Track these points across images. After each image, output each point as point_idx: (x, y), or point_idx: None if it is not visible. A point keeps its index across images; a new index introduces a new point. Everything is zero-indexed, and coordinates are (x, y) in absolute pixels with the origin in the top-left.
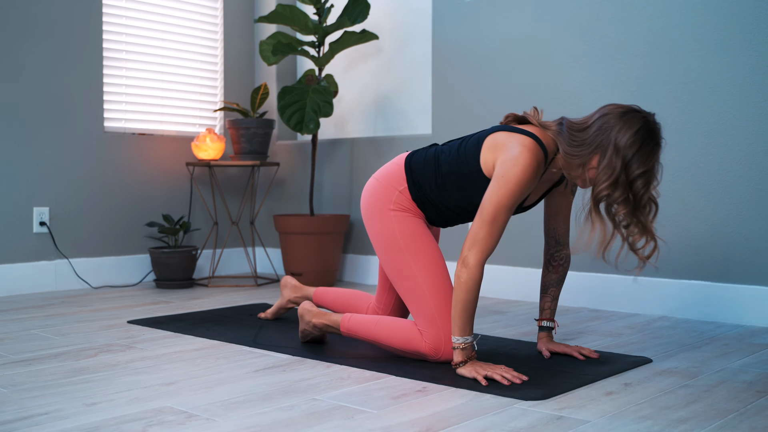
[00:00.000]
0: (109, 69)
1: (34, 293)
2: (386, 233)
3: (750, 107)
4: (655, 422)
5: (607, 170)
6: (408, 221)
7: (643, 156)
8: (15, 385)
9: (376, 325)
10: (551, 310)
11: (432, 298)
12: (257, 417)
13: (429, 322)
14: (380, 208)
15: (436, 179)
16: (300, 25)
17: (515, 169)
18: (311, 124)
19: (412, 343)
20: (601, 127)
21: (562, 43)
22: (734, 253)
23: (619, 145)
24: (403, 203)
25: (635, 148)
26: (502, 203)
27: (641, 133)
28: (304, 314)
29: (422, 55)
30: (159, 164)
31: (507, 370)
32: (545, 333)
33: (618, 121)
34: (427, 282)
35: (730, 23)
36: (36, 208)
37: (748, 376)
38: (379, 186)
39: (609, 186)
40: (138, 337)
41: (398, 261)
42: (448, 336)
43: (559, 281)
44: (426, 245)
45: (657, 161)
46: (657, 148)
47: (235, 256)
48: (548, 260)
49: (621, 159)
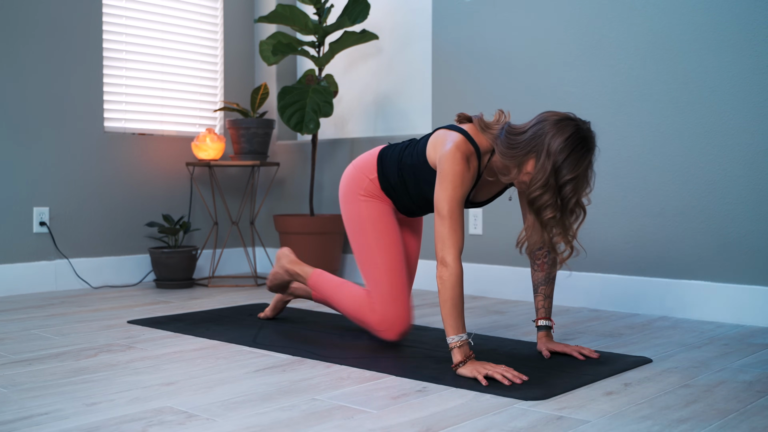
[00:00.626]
0: (109, 69)
1: (34, 293)
2: (355, 216)
3: (750, 107)
4: (655, 422)
5: (540, 173)
6: (375, 207)
7: (573, 162)
8: (15, 385)
9: (339, 287)
10: (545, 308)
11: (386, 278)
12: (257, 417)
13: (381, 300)
14: (353, 193)
15: (398, 170)
16: (300, 25)
17: (447, 164)
18: (311, 124)
19: (362, 312)
20: (536, 133)
21: (562, 43)
22: (734, 253)
23: (550, 150)
24: (373, 191)
25: (565, 153)
26: (450, 197)
27: (572, 139)
28: (281, 257)
29: (422, 55)
30: (159, 164)
31: (507, 370)
32: (544, 332)
33: (552, 128)
34: (385, 263)
35: (730, 23)
36: (36, 208)
37: (748, 376)
38: (354, 173)
39: (540, 188)
40: (138, 337)
41: (361, 242)
42: (395, 315)
43: (547, 279)
44: (388, 231)
45: (588, 168)
46: (587, 154)
47: (235, 256)
48: (532, 260)
49: (552, 164)
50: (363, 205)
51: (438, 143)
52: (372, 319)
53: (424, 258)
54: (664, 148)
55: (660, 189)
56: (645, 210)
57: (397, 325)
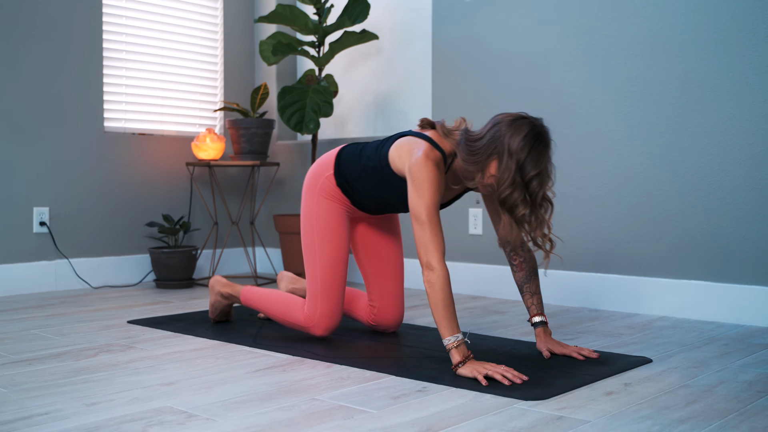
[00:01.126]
0: (109, 69)
1: (34, 293)
2: (307, 211)
3: (750, 107)
4: (655, 422)
5: (505, 173)
6: (328, 207)
7: (535, 158)
8: (15, 385)
9: (267, 295)
10: (536, 305)
11: (321, 277)
12: (257, 417)
13: (311, 297)
14: (310, 190)
15: (358, 170)
16: (300, 25)
17: (420, 172)
18: (311, 124)
19: (292, 312)
20: (493, 136)
21: (562, 43)
22: (734, 253)
23: (511, 150)
24: (328, 189)
25: (526, 150)
26: (427, 203)
27: (530, 136)
28: (214, 284)
29: (422, 55)
30: (159, 164)
31: (507, 370)
32: (541, 329)
33: (508, 129)
34: (323, 265)
35: (730, 23)
36: (36, 208)
37: (748, 376)
38: (314, 170)
39: (508, 187)
40: (138, 337)
41: (308, 238)
42: (323, 312)
43: (529, 277)
44: (334, 234)
45: (548, 162)
46: (546, 149)
47: (235, 256)
48: (510, 262)
49: (515, 162)
50: (316, 204)
51: (404, 151)
52: (300, 316)
53: None
54: (664, 148)
55: (660, 189)
56: (645, 210)
57: (322, 322)
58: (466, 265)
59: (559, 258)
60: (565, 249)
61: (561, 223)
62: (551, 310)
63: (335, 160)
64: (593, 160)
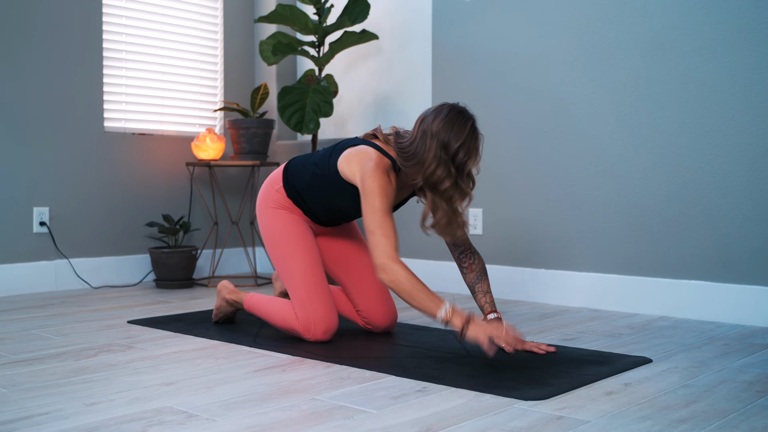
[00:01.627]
0: (109, 69)
1: (34, 293)
2: (267, 228)
3: (750, 107)
4: (655, 422)
5: (430, 153)
6: (284, 217)
7: (457, 131)
8: (15, 385)
9: (267, 304)
10: (489, 303)
11: (303, 284)
12: (257, 417)
13: (300, 305)
14: (264, 206)
15: (307, 178)
16: (300, 25)
17: (370, 181)
18: (311, 124)
19: (289, 322)
20: (423, 132)
21: (562, 42)
22: (734, 253)
23: (434, 131)
24: (280, 201)
25: (449, 127)
26: (377, 209)
27: (450, 115)
28: (221, 290)
29: (422, 55)
30: (159, 164)
31: (510, 333)
32: None
33: (430, 116)
34: (299, 270)
35: (730, 23)
36: (36, 208)
37: (748, 376)
38: (264, 186)
39: (432, 163)
40: (138, 337)
41: (276, 253)
42: (317, 317)
43: (479, 277)
44: (299, 238)
45: (473, 132)
46: (468, 121)
47: (235, 256)
48: (459, 265)
49: (438, 141)
50: (273, 217)
51: (354, 161)
52: (298, 326)
53: (420, 258)
54: (664, 148)
55: (660, 189)
56: (645, 210)
57: (319, 326)
58: None
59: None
60: (565, 249)
61: (561, 223)
62: (551, 310)
63: (283, 173)
64: (593, 160)
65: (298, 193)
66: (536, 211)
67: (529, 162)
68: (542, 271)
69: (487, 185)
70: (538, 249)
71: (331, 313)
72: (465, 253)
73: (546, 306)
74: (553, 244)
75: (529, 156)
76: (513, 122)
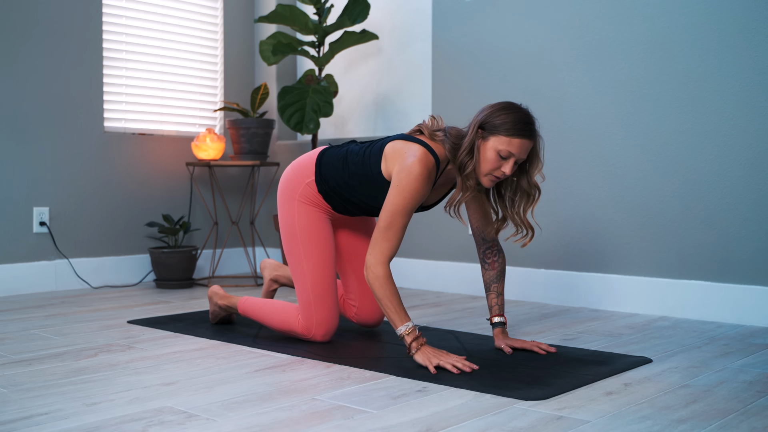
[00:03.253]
0: (109, 69)
1: (34, 293)
2: (288, 219)
3: (750, 107)
4: (655, 422)
5: (467, 137)
6: (309, 213)
7: (499, 115)
8: (15, 385)
9: (263, 306)
10: (499, 306)
11: (311, 285)
12: (257, 417)
13: (304, 305)
14: (289, 196)
15: (343, 176)
16: (300, 25)
17: (408, 178)
18: (311, 124)
19: (288, 323)
20: (472, 123)
21: (562, 43)
22: (734, 253)
23: (478, 118)
24: (309, 194)
25: (491, 111)
26: (398, 210)
27: (500, 104)
28: (212, 296)
29: (422, 55)
30: (159, 164)
31: (458, 360)
32: (500, 329)
33: (484, 110)
34: (311, 270)
35: (730, 23)
36: (36, 208)
37: (748, 376)
38: (291, 175)
39: (467, 148)
40: (138, 337)
41: (292, 246)
42: (319, 320)
43: (498, 277)
44: (319, 238)
45: (520, 122)
46: (515, 112)
47: (235, 256)
48: (482, 260)
49: (476, 122)
50: (297, 210)
51: (397, 153)
52: (298, 326)
53: (420, 258)
54: (664, 148)
55: (660, 189)
56: (645, 210)
57: (320, 328)
58: (466, 265)
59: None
60: (565, 249)
61: (561, 223)
62: (551, 310)
63: (316, 165)
64: (593, 160)
65: (332, 188)
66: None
67: None
68: (542, 272)
69: None
70: (538, 249)
71: (334, 317)
72: (492, 249)
73: (546, 306)
74: (553, 244)
75: None
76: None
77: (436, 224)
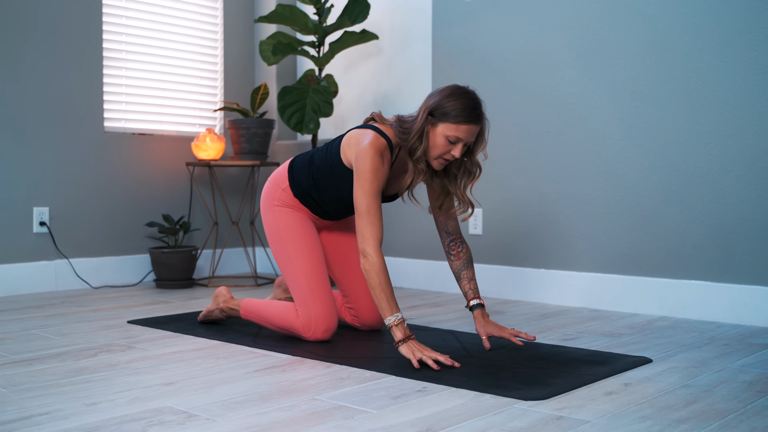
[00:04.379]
0: (109, 69)
1: (34, 293)
2: (272, 226)
3: (750, 107)
4: (655, 422)
5: (418, 123)
6: (289, 215)
7: (449, 99)
8: (15, 385)
9: (264, 305)
10: (473, 290)
11: (305, 282)
12: (257, 417)
13: (302, 303)
14: (269, 205)
15: (311, 174)
16: (300, 25)
17: (364, 161)
18: (311, 124)
19: (289, 320)
20: (421, 107)
21: (561, 43)
22: (734, 253)
23: (427, 104)
24: (286, 200)
25: (441, 96)
26: (366, 193)
27: (449, 89)
28: (217, 295)
29: (422, 55)
30: (159, 164)
31: (440, 357)
32: (479, 311)
33: (432, 93)
34: (302, 268)
35: (730, 23)
36: (36, 208)
37: (748, 376)
38: (268, 185)
39: (417, 134)
40: (138, 337)
41: (280, 250)
42: (318, 315)
43: (465, 264)
44: (304, 236)
45: (467, 105)
46: (464, 96)
47: (235, 256)
48: (447, 252)
49: (426, 107)
50: (278, 215)
51: (351, 141)
52: (298, 324)
53: (420, 258)
54: (664, 149)
55: (660, 189)
56: (645, 210)
57: (320, 324)
58: None
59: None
60: (565, 249)
61: (561, 223)
62: (551, 310)
63: (288, 171)
64: (593, 160)
65: (305, 190)
66: (536, 211)
67: (529, 162)
68: (542, 271)
69: (487, 185)
70: (538, 249)
71: (332, 313)
72: (455, 241)
73: (546, 306)
74: (553, 244)
75: (529, 156)
76: (513, 122)
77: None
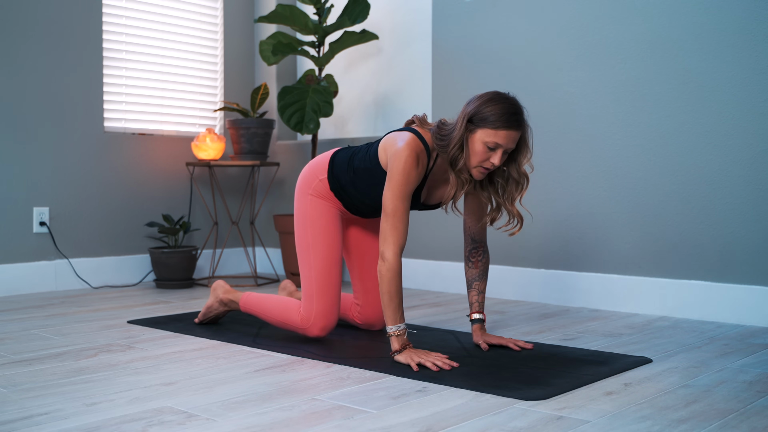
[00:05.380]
0: (109, 69)
1: (34, 293)
2: (301, 212)
3: (750, 107)
4: (655, 422)
5: (455, 128)
6: (320, 208)
7: (487, 106)
8: (15, 385)
9: (265, 299)
10: (479, 303)
11: (315, 278)
12: (257, 417)
13: (307, 297)
14: (303, 191)
15: (350, 173)
16: (300, 25)
17: (398, 162)
18: (311, 124)
19: (288, 315)
20: (460, 114)
21: (562, 43)
22: (734, 253)
23: (466, 110)
24: (321, 191)
25: (479, 102)
26: (395, 195)
27: (488, 95)
28: (216, 288)
29: (422, 55)
30: (159, 164)
31: (439, 358)
32: (478, 325)
33: (471, 99)
34: (317, 263)
35: (730, 23)
36: (36, 208)
37: (748, 376)
38: (307, 173)
39: (457, 144)
40: (138, 337)
41: (301, 238)
42: (318, 311)
43: (481, 275)
44: (328, 233)
45: (507, 112)
46: (503, 102)
47: (235, 256)
48: (467, 257)
49: (464, 114)
50: (309, 204)
51: (389, 145)
52: (296, 319)
53: (420, 258)
54: (664, 148)
55: (660, 189)
56: (645, 210)
57: (319, 320)
58: None
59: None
60: (565, 249)
61: (561, 223)
62: (551, 310)
63: (329, 164)
64: (593, 160)
65: (341, 187)
66: (536, 211)
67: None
68: (542, 271)
69: None
70: (539, 249)
71: (333, 312)
72: (478, 249)
73: (546, 306)
74: (553, 244)
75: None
76: None
77: (436, 224)
